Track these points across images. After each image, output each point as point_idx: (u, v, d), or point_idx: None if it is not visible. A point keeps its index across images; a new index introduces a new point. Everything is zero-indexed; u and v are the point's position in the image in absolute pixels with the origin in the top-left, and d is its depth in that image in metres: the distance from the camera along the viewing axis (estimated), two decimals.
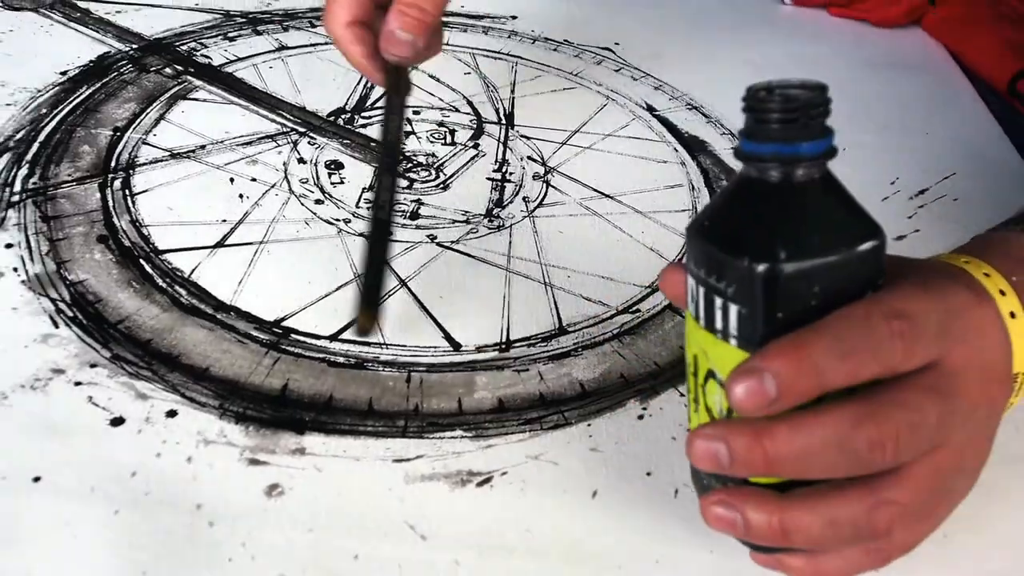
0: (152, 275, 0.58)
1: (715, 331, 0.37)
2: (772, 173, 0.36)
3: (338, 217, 0.64)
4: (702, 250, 0.37)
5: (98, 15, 0.85)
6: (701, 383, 0.39)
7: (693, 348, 0.39)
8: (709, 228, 0.37)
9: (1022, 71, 0.87)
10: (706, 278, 0.37)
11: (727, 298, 0.36)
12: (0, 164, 0.65)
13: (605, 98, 0.80)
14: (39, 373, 0.51)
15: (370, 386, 0.52)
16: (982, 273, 0.41)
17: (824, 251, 0.35)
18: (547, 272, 0.61)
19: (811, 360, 0.33)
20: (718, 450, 0.35)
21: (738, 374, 0.34)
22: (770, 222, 0.35)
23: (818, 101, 0.36)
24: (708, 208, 0.39)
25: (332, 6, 0.54)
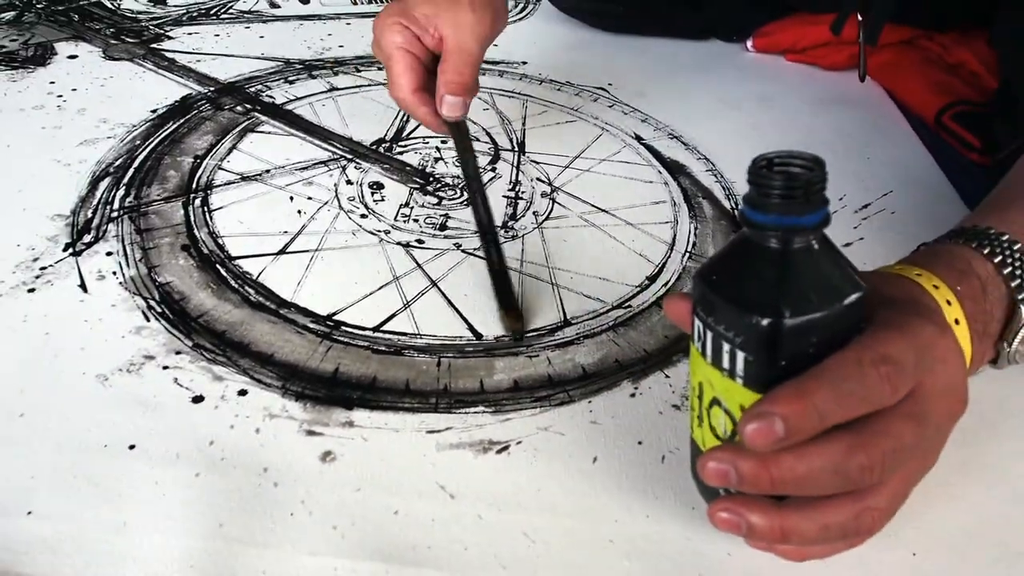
0: (226, 277, 0.57)
1: (722, 369, 0.36)
2: (774, 240, 0.34)
3: (379, 229, 0.63)
4: (713, 303, 0.36)
5: (182, 63, 0.84)
6: (706, 406, 0.38)
7: (699, 376, 0.38)
8: (718, 283, 0.36)
9: (946, 106, 0.85)
10: (715, 326, 0.36)
11: (735, 345, 0.35)
12: (102, 186, 0.65)
13: (601, 129, 0.79)
14: (134, 359, 0.50)
15: (407, 369, 0.51)
16: (932, 285, 0.40)
17: (820, 307, 0.34)
18: (553, 274, 0.60)
19: (814, 405, 0.33)
20: (728, 471, 0.34)
21: (750, 416, 0.33)
22: (773, 282, 0.34)
23: (817, 179, 0.34)
24: (716, 262, 0.37)
25: (397, 79, 0.58)
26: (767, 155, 0.35)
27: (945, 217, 0.71)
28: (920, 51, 0.92)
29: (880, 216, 0.71)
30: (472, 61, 0.58)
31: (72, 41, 0.87)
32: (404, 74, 0.57)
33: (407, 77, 0.58)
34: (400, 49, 0.57)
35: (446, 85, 0.57)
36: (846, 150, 0.80)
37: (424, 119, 0.60)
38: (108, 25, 0.91)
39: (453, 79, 0.57)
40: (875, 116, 0.87)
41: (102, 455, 0.44)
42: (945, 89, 0.87)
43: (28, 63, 0.83)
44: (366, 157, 0.71)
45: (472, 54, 0.58)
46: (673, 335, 0.56)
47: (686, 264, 0.62)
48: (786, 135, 0.81)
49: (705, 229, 0.66)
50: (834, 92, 0.91)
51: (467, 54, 0.58)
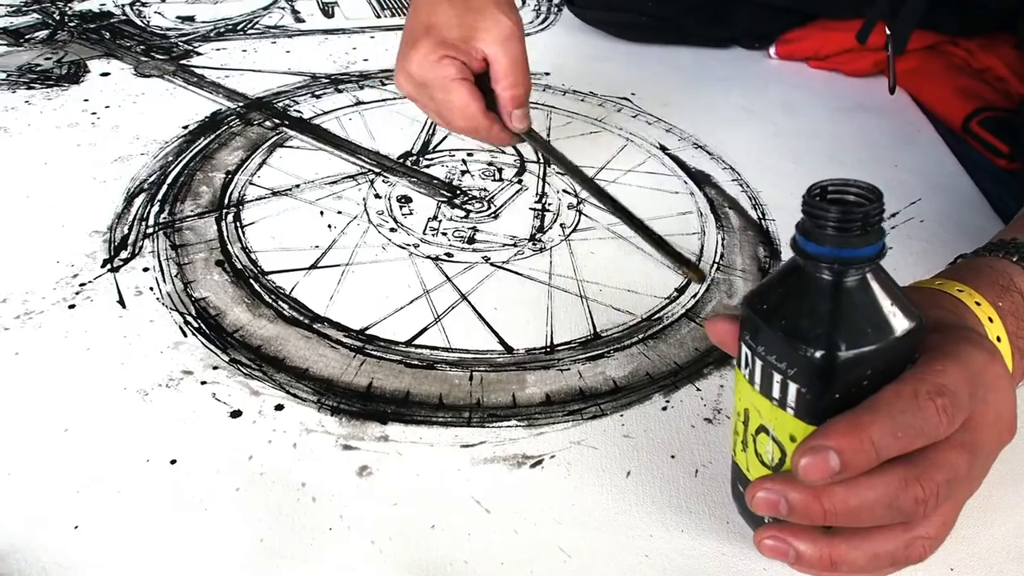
0: (260, 292, 0.58)
1: (772, 398, 0.35)
2: (827, 271, 0.34)
3: (408, 243, 0.64)
4: (763, 333, 0.35)
5: (211, 79, 0.85)
6: (752, 432, 0.38)
7: (744, 403, 0.38)
8: (768, 312, 0.35)
9: (973, 112, 0.85)
10: (765, 356, 0.35)
11: (787, 376, 0.34)
12: (138, 203, 0.66)
13: (625, 140, 0.79)
14: (172, 374, 0.51)
15: (440, 384, 0.52)
16: (974, 301, 0.40)
17: (875, 339, 0.33)
18: (582, 287, 0.60)
19: (869, 439, 0.32)
20: (778, 502, 0.34)
21: (804, 450, 0.33)
22: (827, 314, 0.33)
23: (875, 211, 0.33)
24: (765, 290, 0.36)
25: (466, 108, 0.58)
26: (821, 183, 0.35)
27: (974, 224, 0.71)
28: (945, 57, 0.91)
29: (909, 224, 0.70)
30: (523, 69, 0.59)
31: (104, 58, 0.89)
32: (472, 102, 0.58)
33: (476, 104, 0.58)
34: (456, 80, 0.58)
35: (511, 101, 0.58)
36: (872, 157, 0.80)
37: (498, 138, 0.61)
38: (138, 42, 0.93)
39: (516, 93, 0.58)
40: (901, 123, 0.87)
41: (144, 470, 0.45)
42: (972, 95, 0.86)
43: (62, 81, 0.84)
44: (393, 171, 0.72)
45: (520, 63, 0.59)
46: (703, 347, 0.56)
47: (714, 275, 0.62)
48: (811, 143, 0.81)
49: (732, 240, 0.66)
50: (858, 99, 0.91)
51: (517, 64, 0.58)
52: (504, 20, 0.58)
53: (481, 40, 0.58)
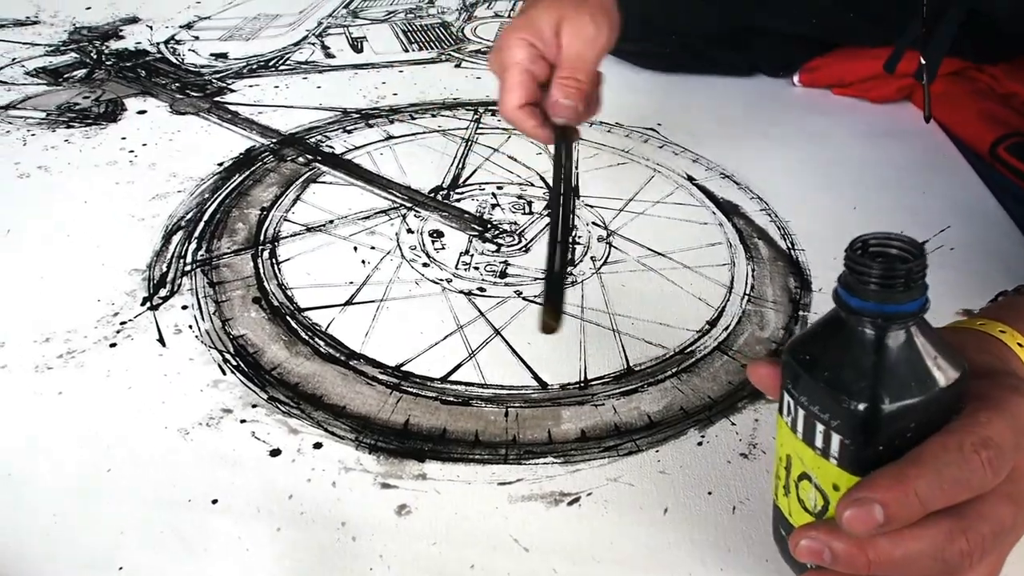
0: (297, 329, 0.58)
1: (815, 448, 0.35)
2: (870, 325, 0.34)
3: (441, 277, 0.64)
4: (806, 383, 0.35)
5: (244, 115, 0.86)
6: (795, 479, 0.37)
7: (787, 449, 0.37)
8: (811, 363, 0.35)
9: (1000, 138, 0.84)
10: (808, 406, 0.35)
11: (830, 428, 0.34)
12: (175, 240, 0.67)
13: (652, 171, 0.79)
14: (212, 412, 0.52)
15: (476, 420, 0.52)
16: (1016, 343, 0.39)
17: (919, 392, 0.33)
18: (614, 320, 0.60)
19: (914, 492, 0.32)
20: (822, 551, 0.34)
21: (848, 502, 0.33)
22: (870, 368, 0.33)
23: (918, 267, 0.33)
24: (808, 340, 0.36)
25: (505, 95, 0.58)
26: (863, 237, 0.35)
27: (1005, 251, 0.70)
28: (970, 83, 0.91)
29: (939, 252, 0.70)
30: (587, 68, 0.58)
31: (141, 96, 0.90)
32: (514, 88, 0.57)
33: (517, 92, 0.57)
34: (518, 64, 0.57)
35: (560, 87, 0.57)
36: (900, 184, 0.80)
37: (530, 131, 0.59)
38: (173, 80, 0.94)
39: (567, 82, 0.57)
40: (927, 149, 0.86)
41: (187, 510, 0.45)
42: (998, 120, 0.86)
43: (100, 119, 0.86)
44: (425, 205, 0.72)
45: (588, 61, 0.58)
46: (736, 381, 0.55)
47: (745, 308, 0.62)
48: (838, 170, 0.81)
49: (763, 271, 0.66)
50: (884, 125, 0.90)
51: (583, 60, 0.57)
52: (591, 25, 0.57)
53: (563, 30, 0.57)
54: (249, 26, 1.10)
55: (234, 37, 1.07)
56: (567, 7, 0.58)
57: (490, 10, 1.19)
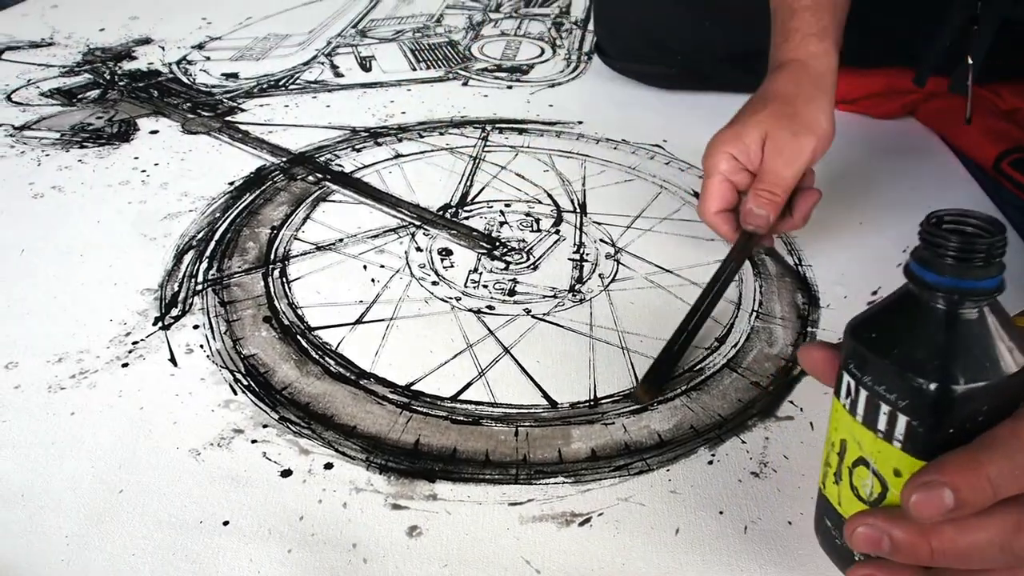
0: (307, 349, 0.58)
1: (876, 430, 0.34)
2: (943, 302, 0.32)
3: (451, 296, 0.63)
4: (871, 362, 0.34)
5: (255, 135, 0.86)
6: (848, 465, 0.36)
7: (842, 433, 0.36)
8: (878, 341, 0.33)
9: (1004, 153, 0.84)
10: (873, 386, 0.34)
11: (896, 408, 0.33)
12: (187, 260, 0.67)
13: (659, 188, 0.79)
14: (223, 433, 0.51)
15: (486, 440, 0.51)
16: None
17: (992, 373, 0.32)
18: (623, 338, 0.60)
19: (987, 477, 0.31)
20: (881, 539, 0.33)
21: (916, 486, 0.31)
22: (943, 346, 0.32)
23: (999, 243, 0.32)
24: (874, 318, 0.35)
25: (705, 201, 0.63)
26: (938, 212, 0.34)
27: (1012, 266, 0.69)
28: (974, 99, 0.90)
29: None
30: (783, 183, 0.61)
31: (153, 116, 0.91)
32: (713, 196, 0.62)
33: (715, 199, 0.63)
34: (720, 174, 0.62)
35: (755, 198, 0.61)
36: (906, 200, 0.79)
37: (726, 236, 0.64)
38: (185, 100, 0.95)
39: (763, 194, 0.61)
40: (933, 165, 0.86)
41: (198, 532, 0.45)
42: (1001, 136, 0.85)
43: (113, 139, 0.86)
44: (433, 223, 0.72)
45: (785, 178, 0.61)
46: (746, 399, 0.55)
47: (754, 324, 0.61)
48: (843, 186, 0.80)
49: (770, 287, 0.65)
50: (889, 141, 0.90)
51: (780, 177, 0.61)
52: (791, 139, 0.61)
53: (766, 147, 0.61)
54: (259, 46, 1.11)
55: (245, 57, 1.07)
56: (775, 123, 0.62)
57: (496, 28, 1.19)
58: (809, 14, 0.65)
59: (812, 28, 0.65)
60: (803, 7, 0.66)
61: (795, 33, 0.66)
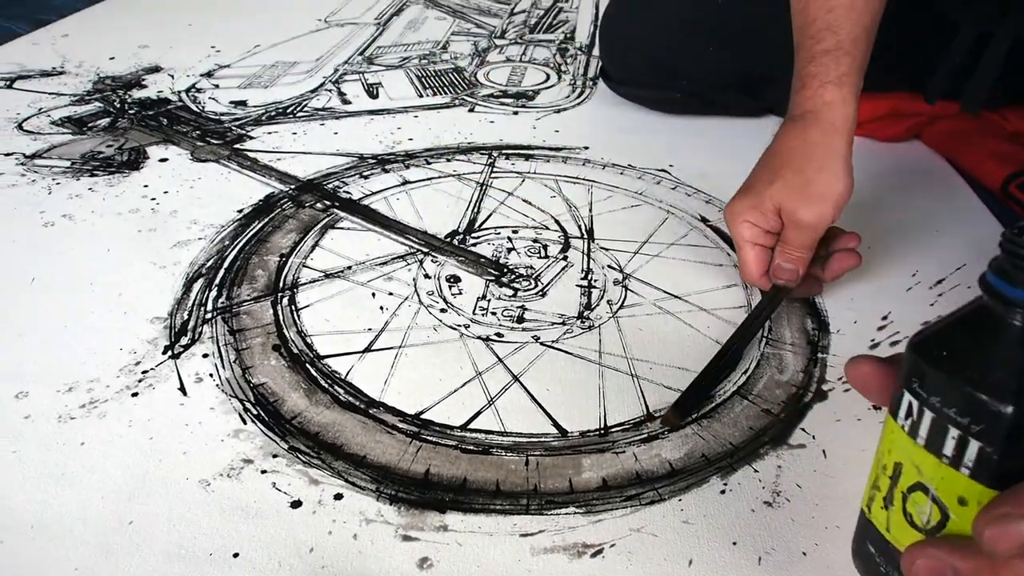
0: (316, 377, 0.58)
1: (941, 455, 0.32)
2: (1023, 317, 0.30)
3: (459, 323, 0.63)
4: (939, 382, 0.31)
5: (263, 162, 0.87)
6: (903, 489, 0.34)
7: (898, 456, 0.34)
8: (948, 360, 0.31)
9: (1011, 175, 0.84)
10: (942, 408, 0.31)
11: (968, 433, 0.31)
12: (196, 288, 0.67)
13: (666, 212, 0.79)
14: (233, 463, 0.51)
15: (496, 469, 0.51)
16: None
17: None
18: (633, 365, 0.59)
19: None
20: (945, 572, 0.31)
21: (992, 518, 0.30)
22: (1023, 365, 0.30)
23: None
24: (943, 334, 0.32)
25: (746, 267, 0.65)
26: (1022, 223, 0.32)
27: None
28: (979, 121, 0.91)
29: (956, 292, 0.69)
30: (805, 247, 0.63)
31: (162, 144, 0.91)
32: (752, 264, 0.64)
33: (755, 266, 0.65)
34: (748, 243, 0.64)
35: (782, 254, 0.64)
36: (913, 223, 0.79)
37: (766, 287, 0.66)
38: (194, 128, 0.95)
39: (788, 256, 0.63)
40: (940, 187, 0.86)
41: (209, 564, 0.45)
42: (1008, 158, 0.85)
43: (123, 168, 0.86)
44: (441, 250, 0.72)
45: (805, 244, 0.63)
46: (758, 426, 0.54)
47: (764, 350, 0.61)
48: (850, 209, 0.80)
49: (779, 313, 0.65)
50: (895, 164, 0.90)
51: (800, 243, 0.63)
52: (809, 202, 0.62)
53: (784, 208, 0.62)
54: (267, 74, 1.12)
55: (253, 85, 1.08)
56: (788, 196, 0.62)
57: (502, 55, 1.20)
58: (829, 59, 0.64)
59: (830, 75, 0.64)
60: (822, 51, 0.65)
61: (812, 80, 0.65)
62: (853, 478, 0.51)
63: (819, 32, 0.65)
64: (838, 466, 0.51)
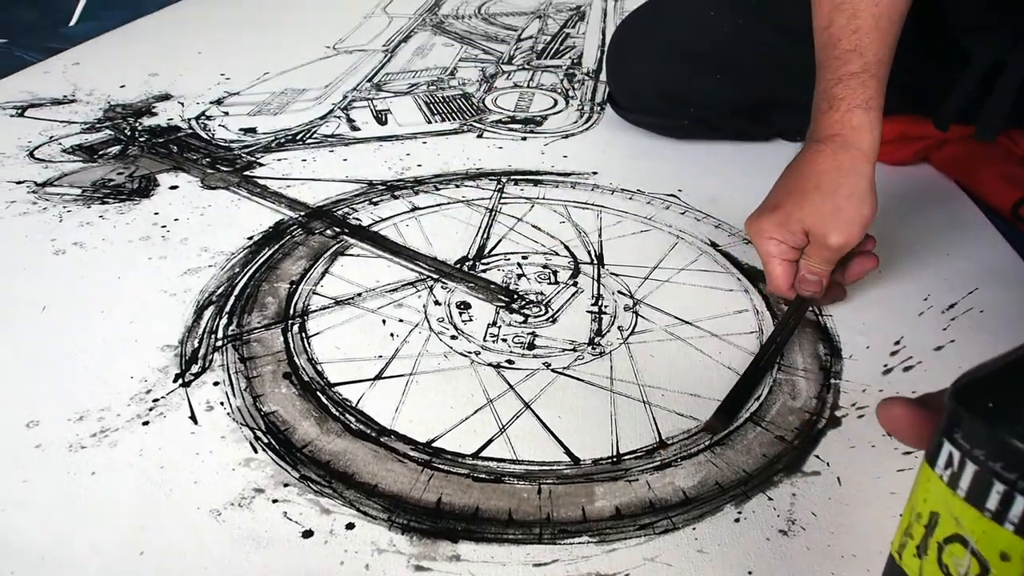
0: (327, 405, 0.58)
1: (984, 509, 0.31)
2: None
3: (470, 350, 0.63)
4: (985, 435, 0.30)
5: (273, 189, 0.88)
6: (939, 540, 0.33)
7: (935, 505, 0.33)
8: (997, 412, 0.30)
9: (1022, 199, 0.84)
10: (987, 461, 0.30)
11: (1016, 489, 0.29)
12: (207, 315, 0.67)
13: (676, 237, 0.79)
14: (244, 492, 0.51)
15: (508, 498, 0.51)
16: None
17: None
18: (644, 392, 0.59)
19: None
20: None
21: None
22: None
23: None
24: (990, 384, 0.31)
25: (773, 281, 0.67)
26: None
27: None
28: (987, 144, 0.91)
29: (969, 316, 0.69)
30: (832, 259, 0.65)
31: (173, 172, 0.92)
32: (780, 278, 0.67)
33: (783, 280, 0.67)
34: (775, 258, 0.67)
35: (806, 268, 0.66)
36: (923, 246, 0.79)
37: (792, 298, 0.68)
38: (204, 155, 0.96)
39: (811, 268, 0.66)
40: (949, 210, 0.86)
41: None
42: (1018, 181, 0.85)
43: (134, 195, 0.87)
44: (451, 276, 0.72)
45: (834, 255, 0.65)
46: (771, 454, 0.54)
47: (776, 376, 0.61)
48: None
49: (791, 338, 0.65)
50: (904, 187, 0.90)
51: (824, 260, 0.65)
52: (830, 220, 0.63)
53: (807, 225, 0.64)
54: (277, 101, 1.13)
55: (262, 112, 1.09)
56: (818, 221, 0.64)
57: (509, 81, 1.21)
58: (856, 82, 0.65)
59: (858, 98, 0.65)
60: (849, 73, 0.65)
61: (840, 103, 0.65)
62: (869, 506, 0.50)
63: (845, 53, 0.66)
64: (853, 494, 0.51)
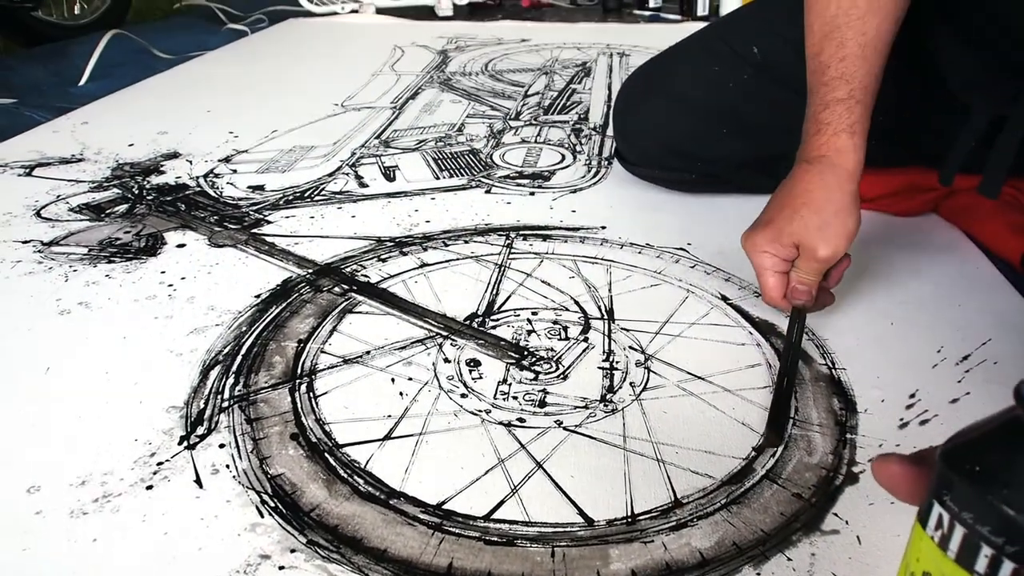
0: (335, 467, 0.57)
1: (972, 572, 0.31)
2: None
3: (480, 408, 0.63)
4: (973, 499, 0.30)
5: (281, 247, 0.88)
6: None
7: (926, 565, 0.33)
8: (983, 477, 0.30)
9: None
10: (974, 525, 0.30)
11: (1003, 554, 0.29)
12: (213, 375, 0.67)
13: (686, 292, 0.79)
14: (250, 559, 0.50)
15: (521, 562, 0.50)
16: None
17: None
18: (658, 449, 0.59)
19: None
20: None
21: None
22: None
23: None
24: (977, 448, 0.31)
25: (768, 293, 0.72)
26: None
27: None
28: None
29: (983, 367, 0.68)
30: (817, 268, 0.69)
31: (180, 230, 0.93)
32: (773, 288, 0.71)
33: (776, 291, 0.71)
34: (768, 270, 0.71)
35: (796, 279, 0.71)
36: (934, 298, 0.79)
37: (786, 308, 0.72)
38: (212, 213, 0.97)
39: (801, 279, 0.70)
40: (958, 261, 0.86)
41: None
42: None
43: (141, 254, 0.88)
44: (461, 333, 0.72)
45: (822, 266, 0.69)
46: (789, 512, 0.53)
47: (791, 432, 0.60)
48: (869, 284, 0.80)
49: (805, 392, 0.65)
50: (912, 237, 0.91)
51: (813, 270, 0.70)
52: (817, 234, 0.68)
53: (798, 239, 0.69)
54: (285, 158, 1.15)
55: (271, 169, 1.10)
56: (806, 235, 0.68)
57: (516, 136, 1.23)
58: (842, 107, 0.70)
59: (843, 123, 0.69)
60: (836, 99, 0.70)
61: (827, 127, 0.70)
62: (890, 565, 0.49)
63: (832, 80, 0.70)
64: (874, 553, 0.50)
